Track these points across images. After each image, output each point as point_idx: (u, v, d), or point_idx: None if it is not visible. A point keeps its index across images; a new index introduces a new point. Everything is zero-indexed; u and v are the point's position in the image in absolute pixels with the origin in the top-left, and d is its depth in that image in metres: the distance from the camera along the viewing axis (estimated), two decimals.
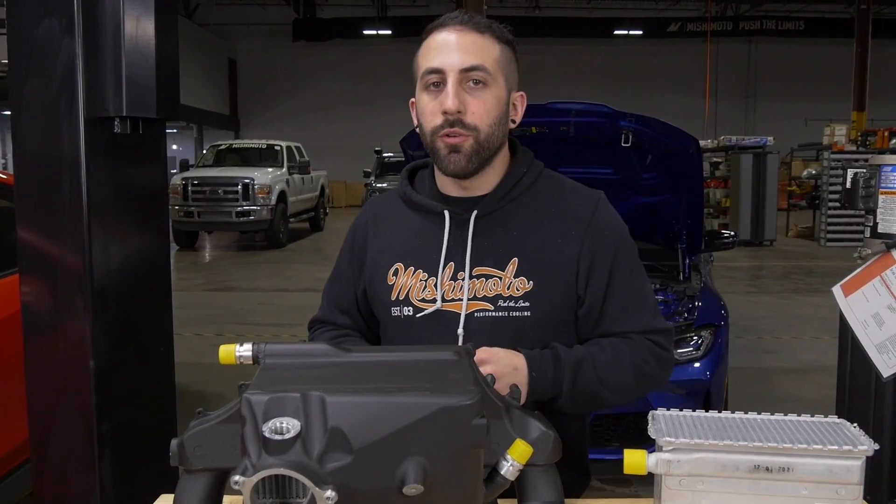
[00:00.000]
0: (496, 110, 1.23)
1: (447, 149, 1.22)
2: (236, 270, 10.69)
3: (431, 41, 1.24)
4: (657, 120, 3.13)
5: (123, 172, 2.00)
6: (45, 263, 1.92)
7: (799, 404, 4.52)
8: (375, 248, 1.35)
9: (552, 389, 1.20)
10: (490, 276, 1.25)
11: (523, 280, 1.24)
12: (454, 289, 1.26)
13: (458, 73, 1.20)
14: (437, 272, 1.27)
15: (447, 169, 1.24)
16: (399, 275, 1.30)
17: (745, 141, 13.71)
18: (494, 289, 1.25)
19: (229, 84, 25.33)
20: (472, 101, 1.21)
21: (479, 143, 1.22)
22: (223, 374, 1.52)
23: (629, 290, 1.29)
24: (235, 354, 0.95)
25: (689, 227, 3.69)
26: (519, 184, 1.30)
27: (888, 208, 1.98)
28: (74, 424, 1.94)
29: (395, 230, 1.35)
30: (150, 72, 1.87)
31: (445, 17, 1.25)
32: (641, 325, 1.28)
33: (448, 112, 1.20)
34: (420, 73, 1.25)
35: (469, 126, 1.21)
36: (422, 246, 1.30)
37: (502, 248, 1.26)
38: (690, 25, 22.68)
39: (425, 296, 1.28)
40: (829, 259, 11.51)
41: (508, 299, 1.24)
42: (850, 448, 0.91)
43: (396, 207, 1.37)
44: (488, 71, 1.21)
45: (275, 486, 0.80)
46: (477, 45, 1.22)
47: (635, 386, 1.27)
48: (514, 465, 0.88)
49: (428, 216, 1.31)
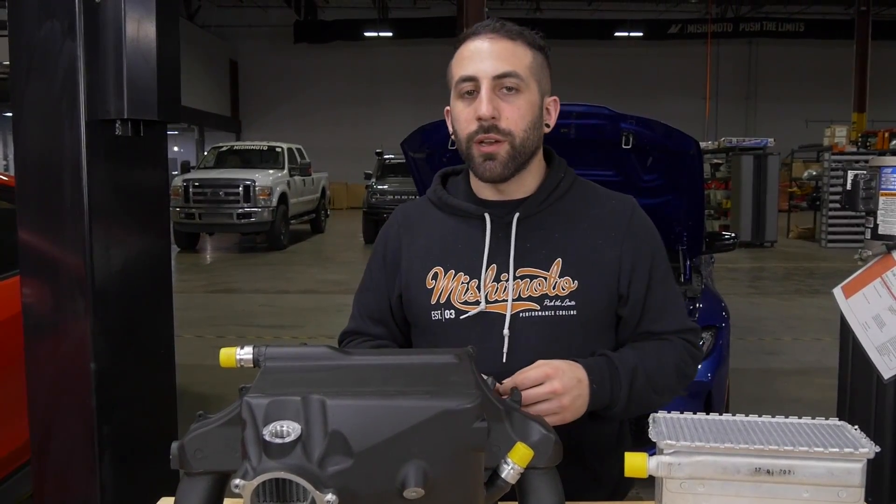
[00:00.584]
0: (530, 115, 1.25)
1: (482, 157, 1.24)
2: (237, 272, 10.70)
3: (464, 49, 1.26)
4: (658, 122, 3.13)
5: (124, 174, 2.01)
6: (46, 265, 1.92)
7: (800, 406, 4.52)
8: (411, 254, 1.36)
9: (609, 399, 1.21)
10: (535, 277, 1.27)
11: (568, 280, 1.26)
12: (497, 290, 1.27)
13: (491, 79, 1.21)
14: (480, 274, 1.28)
15: (483, 175, 1.26)
16: (439, 278, 1.31)
17: (746, 142, 13.71)
18: (540, 289, 1.26)
19: (230, 86, 25.37)
20: (506, 106, 1.22)
21: (514, 148, 1.24)
22: (224, 375, 1.52)
23: (665, 290, 1.32)
24: (236, 357, 0.95)
25: (689, 228, 3.69)
26: (558, 188, 1.32)
27: (889, 210, 1.98)
28: (75, 426, 1.94)
29: (430, 235, 1.36)
30: (151, 74, 1.87)
31: (477, 26, 1.27)
32: (678, 325, 1.32)
33: (482, 118, 1.21)
34: (454, 82, 1.26)
35: (504, 131, 1.22)
36: (462, 249, 1.31)
37: (545, 248, 1.28)
38: (691, 27, 22.70)
39: (468, 298, 1.28)
40: (829, 260, 11.51)
41: (555, 298, 1.26)
42: (851, 450, 0.91)
43: (429, 212, 1.38)
44: (521, 77, 1.23)
45: (275, 490, 0.80)
46: (509, 52, 1.23)
47: (676, 387, 1.32)
48: (515, 469, 0.88)
49: (466, 220, 1.33)
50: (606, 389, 1.20)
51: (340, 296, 8.25)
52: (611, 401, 1.21)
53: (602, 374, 1.20)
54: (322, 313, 7.52)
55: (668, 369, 1.28)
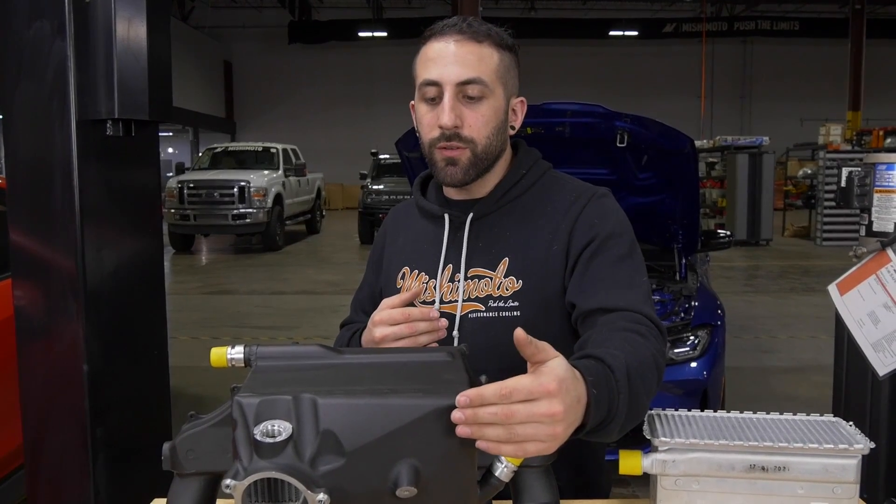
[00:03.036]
0: (494, 121, 1.22)
1: (444, 161, 1.22)
2: (232, 273, 10.68)
3: (429, 49, 1.22)
4: (653, 120, 3.13)
5: (116, 175, 2.00)
6: (38, 267, 1.91)
7: (796, 403, 4.53)
8: (390, 253, 1.39)
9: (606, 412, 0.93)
10: (482, 277, 1.26)
11: (513, 279, 1.24)
12: (451, 290, 1.27)
13: (454, 86, 1.18)
14: (437, 274, 1.28)
15: (444, 180, 1.25)
16: (406, 278, 1.33)
17: (741, 141, 13.74)
18: (486, 289, 1.25)
19: (225, 87, 25.33)
20: (470, 113, 1.20)
21: (476, 155, 1.22)
22: (219, 377, 1.52)
23: (614, 270, 1.19)
24: (227, 357, 0.94)
25: (685, 227, 3.69)
26: (517, 185, 1.29)
27: (883, 207, 1.98)
28: (68, 429, 1.93)
29: (407, 235, 1.38)
30: (142, 74, 1.86)
31: (444, 25, 1.22)
32: (627, 304, 1.13)
33: (444, 127, 1.19)
34: (417, 83, 1.23)
35: (466, 139, 1.20)
36: (426, 249, 1.32)
37: (495, 248, 1.26)
38: (686, 26, 22.71)
39: (426, 298, 1.29)
40: (825, 258, 11.53)
41: (498, 299, 1.24)
42: (846, 447, 0.91)
43: (411, 214, 1.40)
44: (486, 83, 1.19)
45: (267, 490, 0.79)
46: (475, 56, 1.19)
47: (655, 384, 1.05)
48: (509, 467, 0.87)
49: (433, 220, 1.33)
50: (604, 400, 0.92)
51: (336, 296, 8.24)
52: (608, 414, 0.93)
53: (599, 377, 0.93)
54: (318, 314, 7.50)
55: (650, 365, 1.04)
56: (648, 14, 23.59)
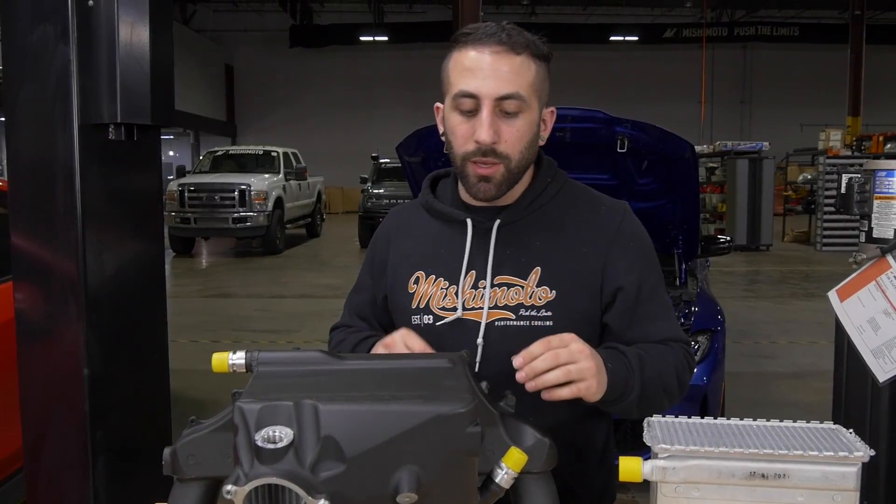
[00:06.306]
0: (528, 135, 1.21)
1: (477, 178, 1.21)
2: (233, 277, 10.68)
3: (465, 58, 1.18)
4: (653, 125, 3.13)
5: (118, 179, 2.00)
6: (39, 270, 1.91)
7: (796, 409, 4.52)
8: (397, 257, 1.35)
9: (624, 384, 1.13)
10: (512, 285, 1.24)
11: (546, 289, 1.23)
12: (475, 297, 1.25)
13: (493, 101, 1.16)
14: (459, 280, 1.26)
15: (476, 196, 1.23)
16: (420, 283, 1.30)
17: (741, 146, 13.77)
18: (516, 298, 1.24)
19: (226, 90, 25.37)
20: (506, 129, 1.18)
21: (510, 170, 1.21)
22: (219, 381, 1.52)
23: (655, 300, 1.28)
24: (228, 362, 0.95)
25: (685, 232, 3.70)
26: (543, 194, 1.29)
27: (883, 213, 1.99)
28: (68, 432, 1.93)
29: (416, 238, 1.34)
30: (144, 78, 1.86)
31: (481, 33, 1.18)
32: (668, 335, 1.26)
33: (482, 143, 1.17)
34: (452, 92, 1.20)
35: (501, 154, 1.19)
36: (444, 254, 1.29)
37: (525, 257, 1.25)
38: (686, 31, 22.76)
39: (446, 304, 1.27)
40: (825, 263, 11.53)
41: (530, 308, 1.23)
42: (846, 454, 0.91)
43: (418, 216, 1.37)
44: (523, 98, 1.17)
45: (267, 496, 0.80)
46: (514, 71, 1.17)
47: (676, 391, 1.23)
48: (509, 473, 0.88)
49: (450, 224, 1.31)
50: (621, 373, 1.13)
51: (336, 300, 8.23)
52: (625, 387, 1.13)
53: (613, 358, 1.13)
54: (318, 318, 7.50)
55: (669, 369, 1.22)
56: (649, 19, 23.63)
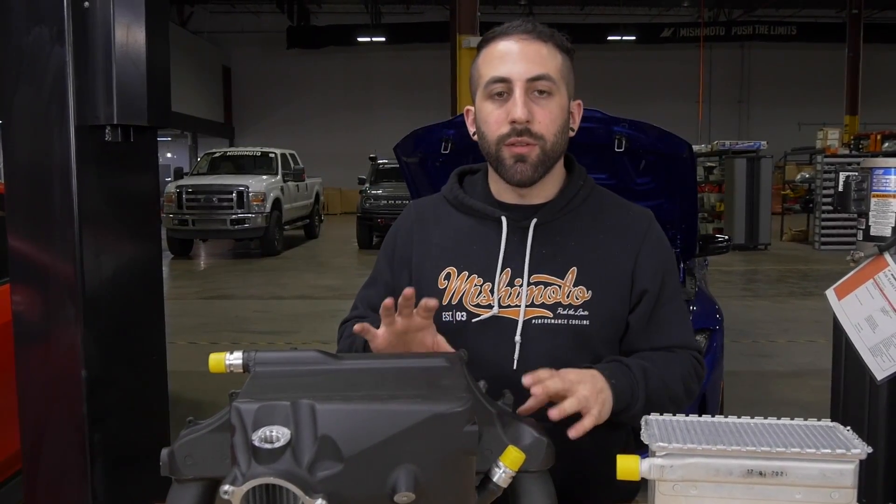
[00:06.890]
0: (560, 119, 1.24)
1: (513, 158, 1.23)
2: (231, 278, 10.67)
3: (494, 50, 1.24)
4: (650, 125, 3.13)
5: (115, 180, 1.99)
6: (36, 272, 1.91)
7: (794, 408, 4.53)
8: (423, 251, 1.34)
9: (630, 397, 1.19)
10: (549, 284, 1.26)
11: (582, 289, 1.25)
12: (510, 295, 1.26)
13: (525, 81, 1.20)
14: (494, 277, 1.26)
15: (513, 178, 1.24)
16: (452, 279, 1.29)
17: (739, 145, 13.78)
18: (554, 296, 1.25)
19: (224, 92, 25.35)
20: (539, 110, 1.22)
21: (545, 152, 1.23)
22: (218, 382, 1.52)
23: (673, 306, 1.32)
24: (225, 363, 0.94)
25: (683, 231, 3.69)
26: (577, 196, 1.32)
27: (880, 211, 1.99)
28: (66, 434, 1.93)
29: (444, 233, 1.34)
30: (140, 79, 1.86)
31: (507, 26, 1.25)
32: (683, 341, 1.31)
33: (517, 121, 1.20)
34: (483, 82, 1.24)
35: (536, 135, 1.21)
36: (477, 251, 1.29)
37: (561, 256, 1.27)
38: (683, 31, 22.77)
39: (480, 301, 1.27)
40: (823, 262, 11.54)
41: (568, 307, 1.24)
42: (844, 451, 0.91)
43: (444, 210, 1.36)
44: (553, 80, 1.22)
45: (265, 495, 0.79)
46: (542, 55, 1.22)
47: (683, 398, 1.28)
48: (507, 472, 0.88)
49: (482, 221, 1.31)
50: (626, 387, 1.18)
51: (335, 301, 8.23)
52: (631, 399, 1.18)
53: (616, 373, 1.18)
54: (316, 319, 7.49)
55: (675, 377, 1.26)
56: (646, 19, 23.65)
